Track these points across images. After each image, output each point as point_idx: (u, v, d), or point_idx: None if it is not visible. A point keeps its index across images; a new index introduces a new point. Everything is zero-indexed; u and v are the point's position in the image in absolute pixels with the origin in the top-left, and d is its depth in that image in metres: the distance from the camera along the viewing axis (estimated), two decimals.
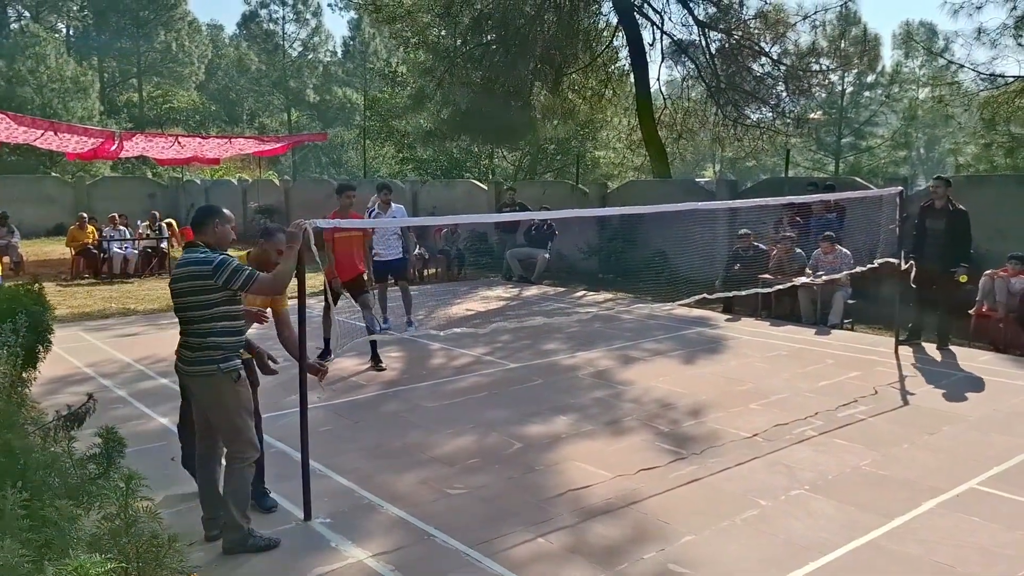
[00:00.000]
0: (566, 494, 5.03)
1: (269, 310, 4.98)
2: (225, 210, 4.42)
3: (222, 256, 4.16)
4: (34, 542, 2.12)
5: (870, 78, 35.68)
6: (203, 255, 4.16)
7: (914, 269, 8.84)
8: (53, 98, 37.14)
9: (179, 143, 20.12)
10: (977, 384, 7.70)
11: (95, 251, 16.18)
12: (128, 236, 17.01)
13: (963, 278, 8.99)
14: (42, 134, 17.53)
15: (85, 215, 17.30)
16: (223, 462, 4.40)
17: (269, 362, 4.85)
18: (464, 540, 4.35)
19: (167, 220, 18.87)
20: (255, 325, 4.82)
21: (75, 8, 51.41)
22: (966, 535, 4.43)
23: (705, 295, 8.07)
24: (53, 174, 30.15)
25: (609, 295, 13.52)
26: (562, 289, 14.22)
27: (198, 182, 28.57)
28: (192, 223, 4.38)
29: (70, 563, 1.89)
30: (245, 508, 4.23)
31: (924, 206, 8.76)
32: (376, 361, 8.32)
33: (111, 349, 9.25)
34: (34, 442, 3.15)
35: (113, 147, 18.79)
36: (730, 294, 9.86)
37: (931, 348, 9.18)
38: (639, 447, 5.91)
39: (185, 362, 4.24)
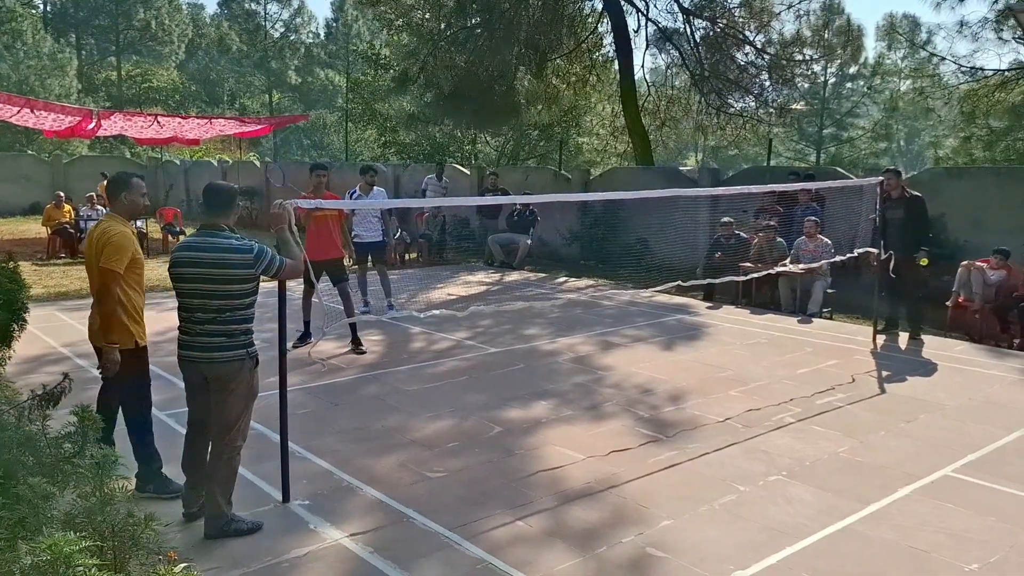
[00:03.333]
0: (545, 478, 5.04)
1: None
2: (237, 187, 4.33)
3: (257, 244, 4.09)
4: (7, 520, 2.09)
5: (853, 69, 35.80)
6: (237, 242, 4.04)
7: (893, 259, 8.92)
8: (30, 75, 36.58)
9: (158, 123, 19.87)
10: (953, 374, 7.79)
11: (71, 230, 15.99)
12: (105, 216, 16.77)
13: (924, 261, 9.10)
14: (18, 111, 17.24)
15: (62, 194, 17.08)
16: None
17: None
18: (443, 522, 4.35)
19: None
20: None
21: None
22: (940, 521, 4.49)
23: (680, 283, 8.08)
24: (29, 152, 29.73)
25: (590, 281, 13.53)
26: (544, 275, 14.22)
27: (177, 163, 28.25)
28: (211, 205, 4.17)
29: (44, 541, 1.86)
30: (229, 496, 4.19)
31: (882, 198, 8.90)
32: (356, 344, 8.29)
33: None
34: (8, 421, 3.10)
35: (91, 125, 18.52)
36: (705, 281, 9.90)
37: (906, 337, 9.26)
38: (619, 432, 5.93)
39: (208, 349, 4.03)
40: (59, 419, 3.14)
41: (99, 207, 16.83)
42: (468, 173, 18.75)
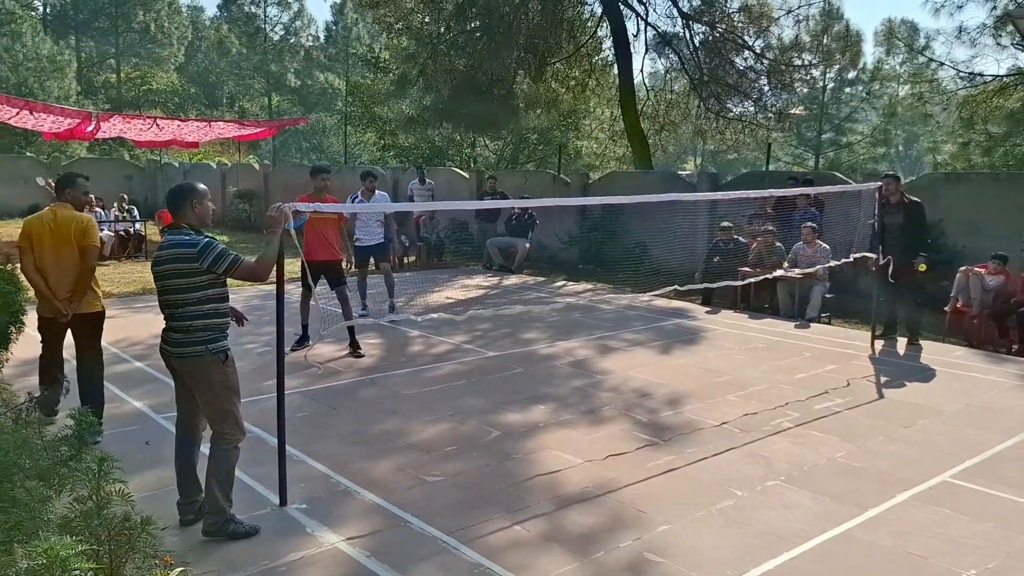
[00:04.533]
0: (543, 482, 5.03)
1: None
2: (201, 186, 4.30)
3: (207, 239, 4.09)
4: (3, 524, 2.09)
5: (851, 74, 35.82)
6: (187, 237, 4.08)
7: (891, 264, 8.92)
8: (29, 77, 36.52)
9: (158, 125, 19.82)
10: (951, 379, 7.79)
11: None
12: (104, 218, 16.80)
13: (923, 267, 9.11)
14: (17, 113, 17.21)
15: None
16: (201, 447, 4.35)
17: (241, 319, 4.91)
18: (440, 527, 4.34)
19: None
20: None
21: None
22: (938, 527, 4.49)
23: (677, 287, 8.08)
24: (28, 154, 29.68)
25: (589, 285, 13.53)
26: (542, 278, 14.22)
27: (176, 165, 28.23)
28: (168, 204, 4.28)
29: (40, 545, 1.86)
30: (229, 491, 4.18)
31: (880, 203, 8.91)
32: (354, 347, 8.28)
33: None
34: (4, 423, 3.10)
35: (90, 128, 18.47)
36: (701, 286, 9.91)
37: (904, 343, 9.26)
38: (617, 436, 5.92)
39: (172, 344, 4.16)
40: (56, 422, 3.14)
41: (98, 209, 16.86)
42: (467, 177, 18.76)
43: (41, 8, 51.10)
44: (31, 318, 5.50)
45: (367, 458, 5.38)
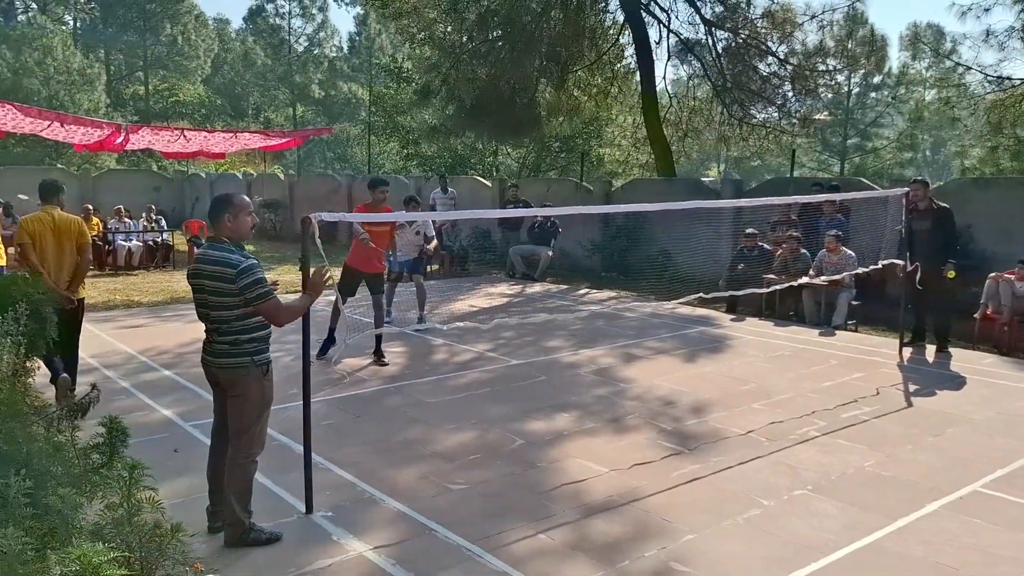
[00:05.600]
0: (567, 490, 5.02)
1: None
2: (240, 198, 4.24)
3: (249, 263, 4.01)
4: (37, 530, 2.12)
5: (877, 79, 35.57)
6: (229, 255, 4.03)
7: (919, 271, 8.83)
8: (60, 90, 37.15)
9: (185, 136, 20.05)
10: (981, 387, 7.68)
11: (100, 243, 16.21)
12: (133, 228, 17.04)
13: (951, 273, 9.00)
14: (49, 125, 17.48)
15: (90, 207, 17.30)
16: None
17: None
18: (465, 535, 4.35)
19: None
20: None
21: (82, 0, 51.47)
22: (969, 537, 4.42)
23: (702, 295, 8.04)
24: (59, 166, 30.17)
25: (612, 293, 13.50)
26: (565, 286, 14.21)
27: (203, 176, 28.56)
28: (209, 217, 4.29)
29: (73, 551, 1.89)
30: (247, 503, 4.21)
31: (908, 209, 8.82)
32: (379, 356, 8.33)
33: (115, 340, 9.26)
34: (37, 431, 3.15)
35: (119, 139, 18.72)
36: (726, 293, 9.85)
37: (933, 350, 9.15)
38: (641, 445, 5.90)
39: (215, 355, 4.14)
40: (88, 429, 3.19)
41: (127, 220, 17.11)
42: (489, 185, 18.81)
43: (71, 22, 52.00)
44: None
45: (392, 466, 5.40)
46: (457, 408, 6.78)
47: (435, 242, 10.03)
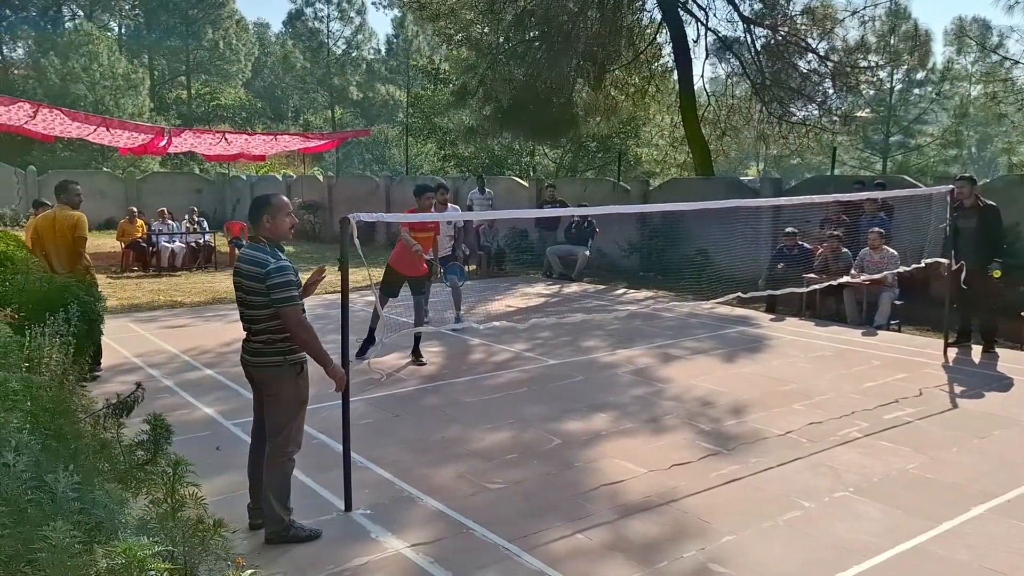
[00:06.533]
0: (605, 491, 5.01)
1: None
2: (278, 199, 4.26)
3: (280, 264, 4.04)
4: (85, 524, 2.17)
5: (920, 75, 34.86)
6: (262, 255, 4.09)
7: (964, 270, 8.65)
8: (105, 95, 38.02)
9: (226, 139, 20.40)
10: None
11: (144, 244, 16.54)
12: (176, 230, 17.37)
13: (997, 273, 8.80)
14: (95, 129, 17.91)
15: (135, 209, 17.66)
16: None
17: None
18: (502, 534, 4.36)
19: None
20: None
21: (127, 7, 52.60)
22: (1018, 541, 4.32)
23: (740, 294, 7.96)
24: (105, 169, 30.86)
25: (650, 293, 13.43)
26: (602, 286, 14.16)
27: (244, 178, 29.00)
28: (248, 217, 4.36)
29: (119, 545, 1.93)
30: (286, 501, 4.26)
31: (953, 207, 8.63)
32: (417, 356, 8.38)
33: (159, 340, 9.44)
34: (84, 428, 3.23)
35: (162, 143, 19.12)
36: (765, 293, 9.72)
37: (979, 351, 8.96)
38: (679, 445, 5.86)
39: (252, 353, 4.24)
40: (132, 427, 3.26)
41: (170, 221, 17.44)
42: (527, 185, 18.81)
43: (116, 28, 53.16)
44: (108, 326, 5.71)
45: (429, 465, 5.43)
46: (494, 408, 6.79)
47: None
